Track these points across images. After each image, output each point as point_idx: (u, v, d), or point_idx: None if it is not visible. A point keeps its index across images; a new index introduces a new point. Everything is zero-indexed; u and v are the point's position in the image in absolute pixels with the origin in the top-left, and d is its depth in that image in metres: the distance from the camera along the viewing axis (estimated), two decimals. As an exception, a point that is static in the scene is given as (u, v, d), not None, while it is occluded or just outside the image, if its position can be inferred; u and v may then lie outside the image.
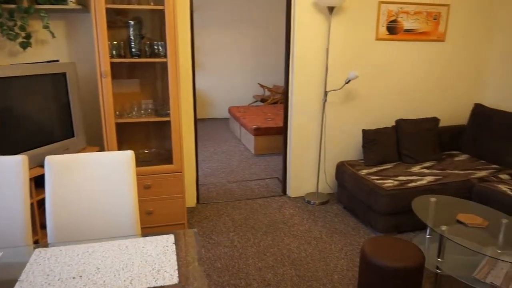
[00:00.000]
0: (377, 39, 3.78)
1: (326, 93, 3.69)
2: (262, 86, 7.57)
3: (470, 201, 3.16)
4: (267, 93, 7.92)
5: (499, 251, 2.38)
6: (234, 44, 7.62)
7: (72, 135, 2.89)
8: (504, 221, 2.51)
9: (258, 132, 5.36)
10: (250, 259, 2.87)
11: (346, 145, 3.99)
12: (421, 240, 2.90)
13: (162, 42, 2.95)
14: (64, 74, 2.77)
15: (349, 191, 3.51)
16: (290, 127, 3.84)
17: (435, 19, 3.89)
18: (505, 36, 4.02)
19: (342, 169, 3.63)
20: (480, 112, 3.91)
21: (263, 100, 7.50)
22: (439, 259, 2.47)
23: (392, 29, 3.79)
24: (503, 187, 3.07)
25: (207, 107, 7.86)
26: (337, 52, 3.71)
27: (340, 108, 3.87)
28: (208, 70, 7.65)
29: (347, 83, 3.54)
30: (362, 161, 3.71)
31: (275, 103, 7.47)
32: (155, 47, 2.96)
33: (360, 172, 3.44)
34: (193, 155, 3.64)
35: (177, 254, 1.46)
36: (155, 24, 3.13)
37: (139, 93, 3.22)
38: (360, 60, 3.80)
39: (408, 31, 3.84)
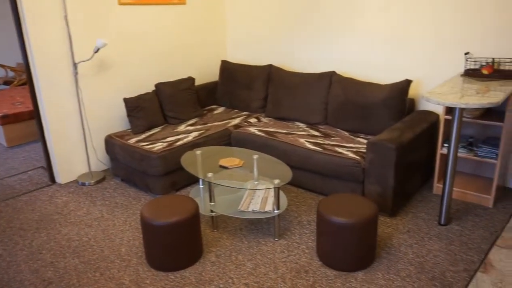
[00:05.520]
0: (120, 3, 3.67)
1: (75, 65, 3.41)
2: (1, 66, 6.39)
3: (230, 146, 3.60)
4: (11, 73, 6.76)
5: (256, 182, 2.82)
6: None
7: None
8: (255, 156, 2.96)
9: (7, 120, 4.57)
10: (23, 263, 2.52)
11: (111, 117, 3.85)
12: (197, 191, 3.16)
13: None
14: None
15: (123, 163, 3.45)
16: (42, 109, 3.41)
17: (173, -18, 4.04)
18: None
19: (111, 142, 3.51)
20: (227, 68, 4.39)
21: (7, 82, 6.37)
22: (211, 203, 2.75)
23: (134, -7, 3.75)
24: (252, 129, 3.60)
25: None
26: (79, 19, 3.43)
27: (96, 80, 3.66)
28: None
29: (96, 52, 3.35)
30: (130, 130, 3.68)
31: (24, 84, 6.47)
32: None
33: (129, 141, 3.40)
34: None
35: None
36: None
37: None
38: (107, 27, 3.64)
39: (149, -5, 3.87)
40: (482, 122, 2.92)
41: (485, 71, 2.96)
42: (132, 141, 3.41)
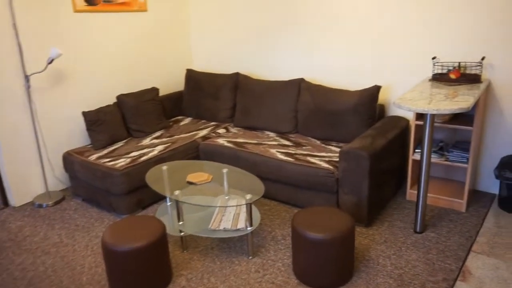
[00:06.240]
0: (76, 11, 3.45)
1: (27, 77, 3.16)
2: None
3: (198, 160, 3.44)
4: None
5: (226, 197, 2.68)
6: None
7: None
8: (225, 170, 2.82)
9: (-47, 138, 4.21)
10: (-31, 301, 2.26)
11: (70, 132, 3.60)
12: (165, 209, 2.98)
13: None
14: None
15: (84, 181, 3.22)
16: (-9, 126, 3.14)
17: (132, -11, 3.85)
18: (199, 6, 4.42)
19: (69, 159, 3.27)
20: (192, 77, 4.23)
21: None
22: (180, 223, 2.58)
23: (90, 0, 3.53)
24: (221, 141, 3.46)
25: None
26: (30, 28, 3.18)
27: (52, 93, 3.41)
28: None
29: (50, 63, 3.11)
30: (91, 145, 3.45)
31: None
32: None
33: (89, 158, 3.18)
34: None
35: None
36: None
37: None
38: (62, 36, 3.40)
39: (107, 1, 3.66)
40: (453, 126, 2.91)
41: (452, 76, 2.96)
42: (93, 157, 3.19)
